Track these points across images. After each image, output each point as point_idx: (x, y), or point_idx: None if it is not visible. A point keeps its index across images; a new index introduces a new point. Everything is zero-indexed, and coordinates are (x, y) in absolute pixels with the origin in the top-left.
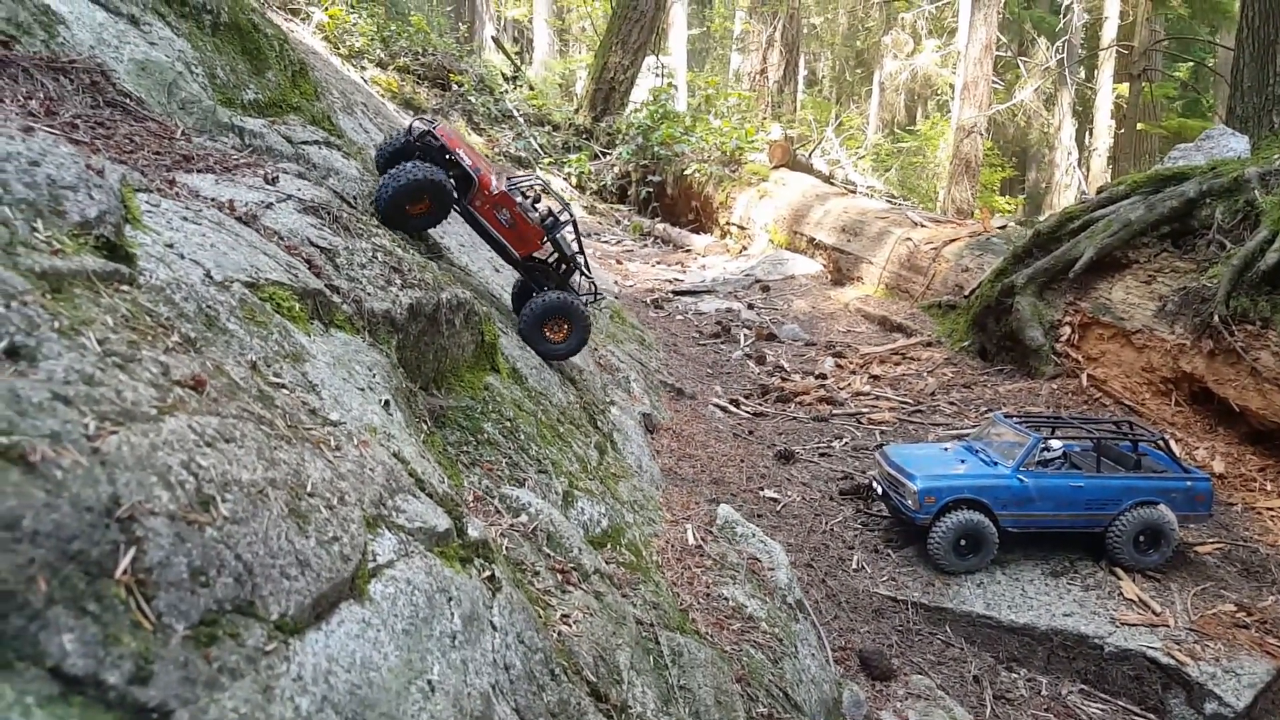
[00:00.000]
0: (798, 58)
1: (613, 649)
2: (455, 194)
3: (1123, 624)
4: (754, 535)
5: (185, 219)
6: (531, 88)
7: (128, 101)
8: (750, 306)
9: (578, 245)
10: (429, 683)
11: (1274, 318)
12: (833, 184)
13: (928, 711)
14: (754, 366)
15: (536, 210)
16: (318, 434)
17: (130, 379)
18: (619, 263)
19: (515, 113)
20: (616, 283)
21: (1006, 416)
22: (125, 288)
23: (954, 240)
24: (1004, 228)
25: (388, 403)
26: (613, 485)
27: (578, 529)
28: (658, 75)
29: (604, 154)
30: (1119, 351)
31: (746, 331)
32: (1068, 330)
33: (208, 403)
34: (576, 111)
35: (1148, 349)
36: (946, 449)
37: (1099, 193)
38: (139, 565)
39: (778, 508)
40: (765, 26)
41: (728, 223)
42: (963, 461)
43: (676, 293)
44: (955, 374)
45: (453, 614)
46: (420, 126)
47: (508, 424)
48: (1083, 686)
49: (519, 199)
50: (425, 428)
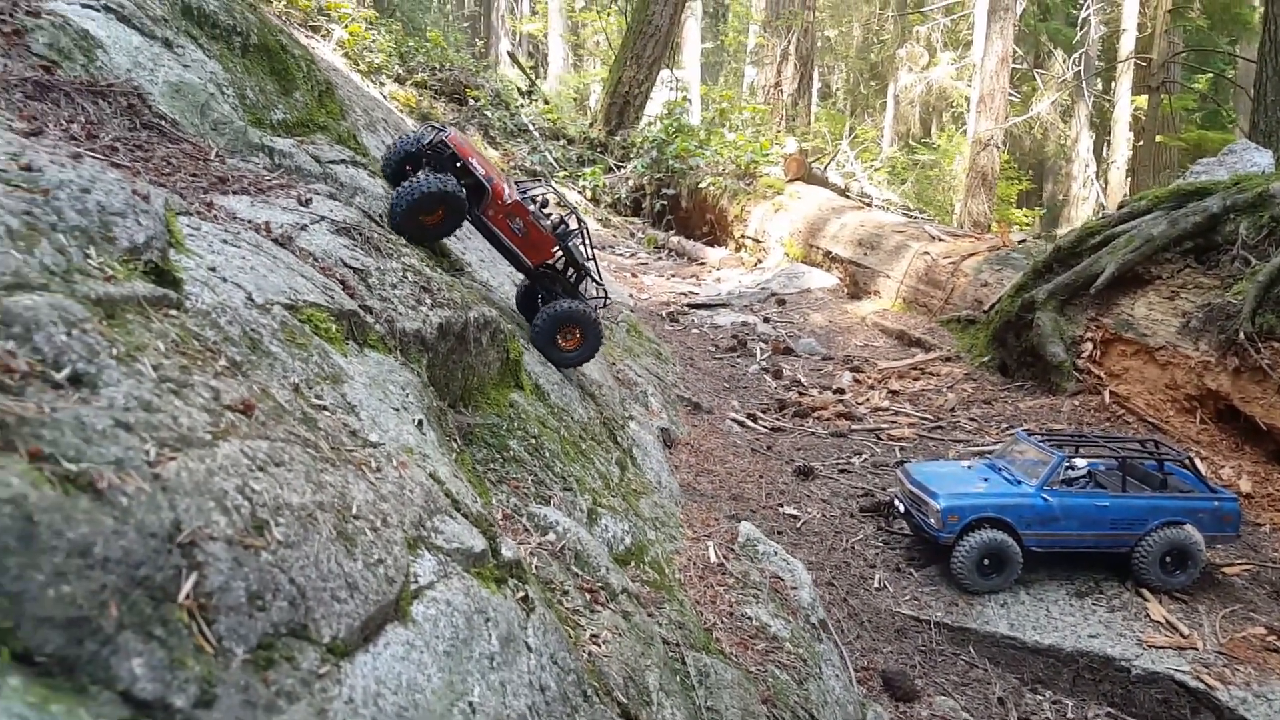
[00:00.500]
0: (812, 71)
1: (642, 670)
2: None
3: (1150, 646)
4: (776, 553)
5: (225, 242)
6: (546, 102)
7: (163, 123)
8: (766, 320)
9: (587, 250)
10: (470, 704)
11: None
12: (848, 197)
13: None
14: (771, 381)
15: (548, 218)
16: (359, 456)
17: (185, 404)
18: (634, 275)
19: (530, 127)
20: (631, 296)
21: (1029, 434)
22: (173, 312)
23: (973, 254)
24: (1023, 242)
25: (421, 422)
26: (634, 502)
27: (603, 547)
28: (672, 89)
29: (618, 167)
30: (1142, 368)
31: (762, 345)
32: (1089, 346)
33: (257, 426)
34: (591, 125)
35: (1171, 366)
36: (969, 467)
37: (1120, 208)
38: (200, 590)
39: (798, 525)
40: (780, 40)
41: (742, 236)
42: (985, 480)
43: (692, 306)
44: (975, 389)
45: (490, 635)
46: (430, 133)
47: (533, 441)
48: (1110, 710)
49: (531, 207)
50: (455, 446)
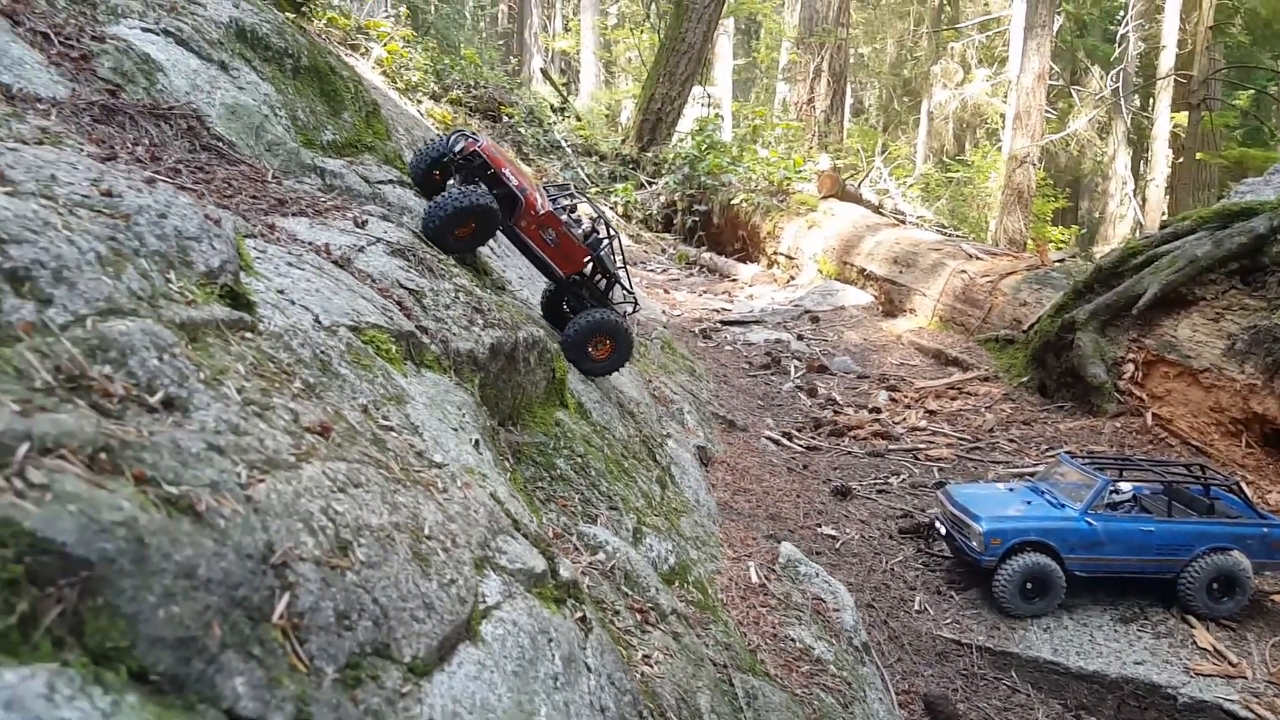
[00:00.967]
0: (845, 87)
1: (693, 691)
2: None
3: (1197, 674)
4: (817, 575)
5: (290, 264)
6: (579, 118)
7: (221, 145)
8: (800, 337)
9: (618, 259)
10: None
11: None
12: (882, 214)
13: None
14: (805, 399)
15: (579, 225)
16: (427, 476)
17: (269, 427)
18: (666, 291)
19: (563, 143)
20: (664, 312)
21: (1072, 456)
22: (249, 335)
23: (1011, 273)
24: (1062, 261)
25: (478, 442)
26: (675, 521)
27: (649, 566)
28: (704, 105)
29: (650, 184)
30: (1185, 390)
31: (797, 363)
32: (1131, 368)
33: (334, 448)
34: (623, 142)
35: (1216, 388)
36: (1011, 489)
37: (1162, 227)
38: (292, 610)
39: (836, 545)
40: (813, 57)
41: (775, 252)
42: (1028, 503)
43: (725, 323)
44: (1014, 410)
45: (554, 655)
46: (459, 140)
47: (579, 460)
48: None
49: (563, 217)
50: (509, 465)
